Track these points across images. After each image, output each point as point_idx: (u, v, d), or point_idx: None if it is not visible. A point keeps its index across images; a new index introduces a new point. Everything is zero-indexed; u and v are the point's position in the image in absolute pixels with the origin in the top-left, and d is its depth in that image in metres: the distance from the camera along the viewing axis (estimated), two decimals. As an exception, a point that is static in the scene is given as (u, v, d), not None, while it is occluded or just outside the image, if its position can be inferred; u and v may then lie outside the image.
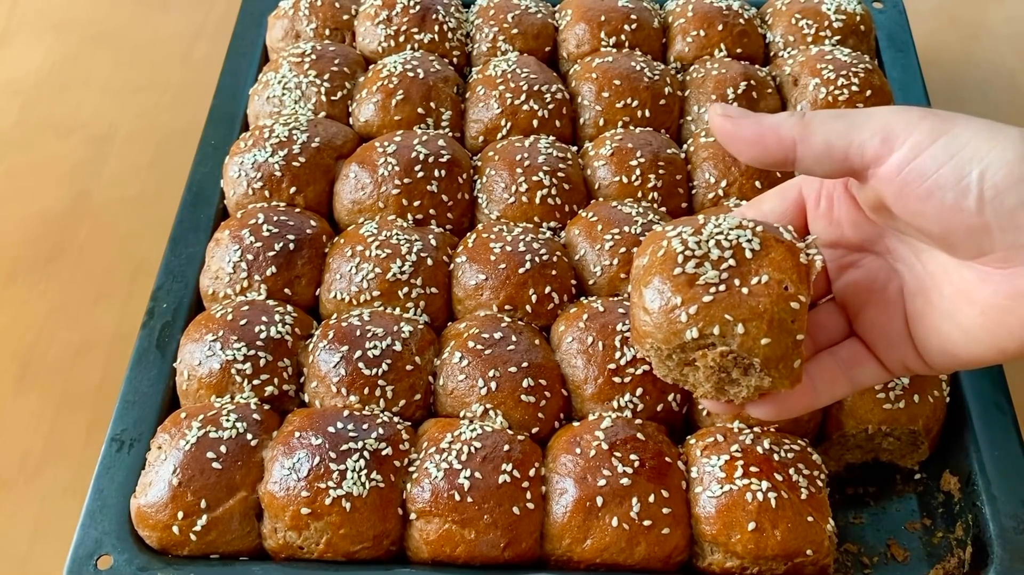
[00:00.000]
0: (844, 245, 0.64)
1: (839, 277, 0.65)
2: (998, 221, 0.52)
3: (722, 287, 0.58)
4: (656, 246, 0.61)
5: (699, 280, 0.59)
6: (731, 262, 0.59)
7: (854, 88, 0.95)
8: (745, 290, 0.58)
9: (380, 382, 0.76)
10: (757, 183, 0.89)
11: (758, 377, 0.59)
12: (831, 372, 0.63)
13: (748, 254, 0.59)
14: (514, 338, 0.78)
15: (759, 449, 0.72)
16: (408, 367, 0.77)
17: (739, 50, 1.03)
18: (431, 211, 0.88)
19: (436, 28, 1.02)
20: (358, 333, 0.78)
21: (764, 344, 0.57)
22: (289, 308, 0.81)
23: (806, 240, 0.61)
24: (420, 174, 0.88)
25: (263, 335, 0.78)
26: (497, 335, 0.78)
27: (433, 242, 0.85)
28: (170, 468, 0.71)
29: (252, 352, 0.77)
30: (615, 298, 0.82)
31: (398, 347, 0.77)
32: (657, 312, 0.58)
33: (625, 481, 0.70)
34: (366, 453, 0.71)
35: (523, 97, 0.95)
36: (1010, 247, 0.53)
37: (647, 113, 0.96)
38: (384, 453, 0.71)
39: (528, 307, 0.81)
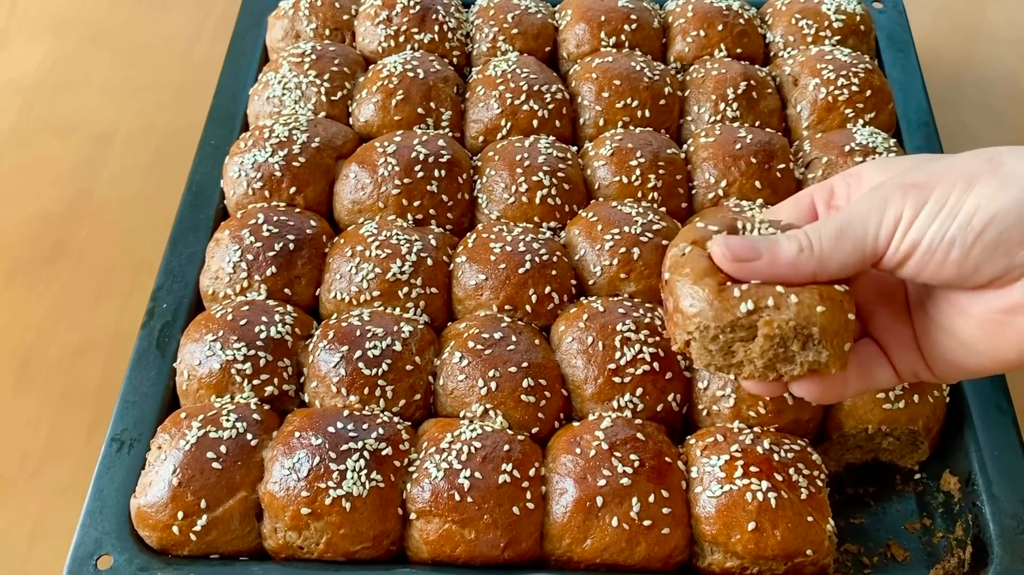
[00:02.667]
0: None
1: (853, 281, 0.65)
2: (984, 256, 0.55)
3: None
4: (694, 235, 0.62)
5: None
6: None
7: (854, 88, 0.95)
8: (793, 298, 0.59)
9: (380, 382, 0.76)
10: (757, 183, 0.89)
11: (815, 351, 0.59)
12: (854, 365, 0.63)
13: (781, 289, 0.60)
14: (514, 338, 0.78)
15: (759, 449, 0.72)
16: (408, 367, 0.77)
17: (739, 50, 1.03)
18: (431, 211, 0.88)
19: (436, 28, 1.02)
20: (358, 333, 0.78)
21: (820, 312, 0.58)
22: (289, 308, 0.81)
23: None
24: (420, 174, 0.88)
25: (263, 335, 0.78)
26: (497, 335, 0.78)
27: (433, 242, 0.85)
28: (170, 468, 0.71)
29: (252, 352, 0.77)
30: (615, 298, 0.82)
31: (398, 347, 0.77)
32: (708, 290, 0.58)
33: (625, 481, 0.70)
34: (366, 453, 0.71)
35: (523, 97, 0.95)
36: (1003, 271, 0.55)
37: (647, 113, 0.96)
38: (384, 453, 0.71)
39: (528, 307, 0.81)
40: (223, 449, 0.71)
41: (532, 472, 0.71)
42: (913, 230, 0.56)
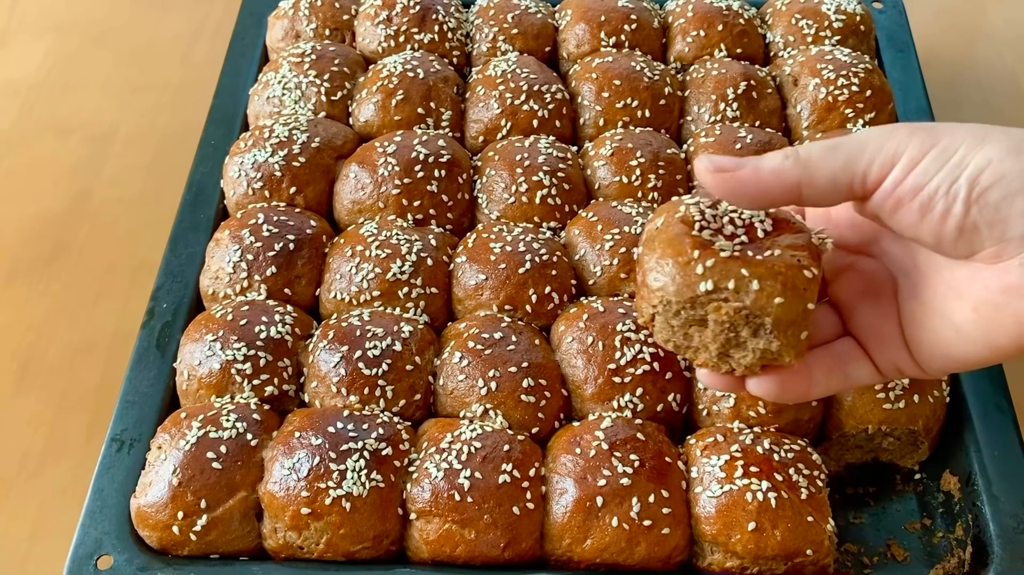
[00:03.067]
0: (841, 246, 0.64)
1: (834, 279, 0.65)
2: (984, 218, 0.53)
3: (736, 251, 0.58)
4: (673, 210, 0.61)
5: (713, 245, 0.59)
6: (744, 238, 0.59)
7: (854, 88, 0.95)
8: (759, 257, 0.58)
9: (380, 382, 0.76)
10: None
11: (767, 339, 0.58)
12: (827, 364, 0.62)
13: (760, 233, 0.60)
14: (514, 338, 0.78)
15: (759, 449, 0.72)
16: (408, 367, 0.77)
17: (739, 50, 1.03)
18: (431, 211, 0.88)
19: (436, 28, 1.02)
20: (358, 333, 0.78)
21: (777, 303, 0.57)
22: (289, 308, 0.81)
23: (815, 230, 0.62)
24: (420, 174, 0.88)
25: (263, 335, 0.78)
26: (497, 335, 0.78)
27: (433, 242, 0.85)
28: (170, 468, 0.71)
29: (252, 352, 0.77)
30: (615, 298, 0.82)
31: (398, 347, 0.77)
32: (671, 265, 0.58)
33: (625, 481, 0.70)
34: (366, 453, 0.71)
35: (523, 97, 0.95)
36: (998, 242, 0.54)
37: (647, 113, 0.96)
38: (384, 453, 0.71)
39: (528, 307, 0.81)
40: (223, 449, 0.71)
41: (532, 472, 0.71)
42: (917, 173, 0.54)
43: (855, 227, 0.63)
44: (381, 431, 0.73)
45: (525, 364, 0.76)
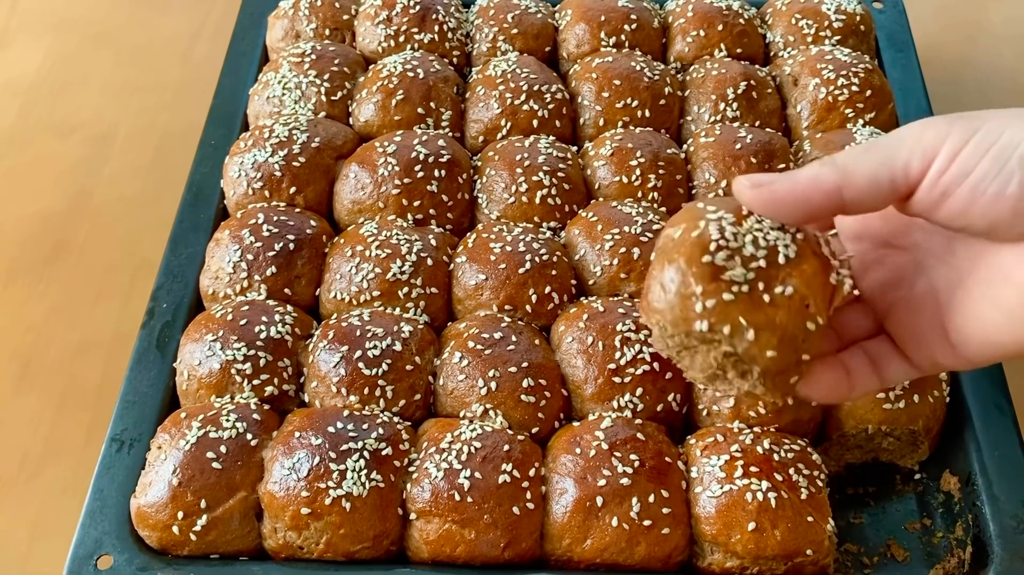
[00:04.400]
0: (870, 237, 0.63)
1: (864, 276, 0.63)
2: None
3: (745, 288, 0.56)
4: (692, 224, 0.58)
5: (724, 274, 0.56)
6: (761, 263, 0.57)
7: (854, 88, 0.95)
8: (767, 297, 0.56)
9: (380, 382, 0.76)
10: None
11: (752, 383, 0.58)
12: (864, 366, 0.62)
13: (781, 259, 0.57)
14: (514, 338, 0.78)
15: (759, 449, 0.72)
16: (408, 367, 0.77)
17: (739, 50, 1.03)
18: (431, 211, 0.88)
19: (436, 28, 1.02)
20: (358, 333, 0.78)
21: (769, 356, 0.56)
22: (289, 308, 0.81)
23: (840, 257, 0.60)
24: (420, 174, 0.88)
25: (263, 335, 0.78)
26: (497, 335, 0.78)
27: (433, 242, 0.85)
28: (170, 468, 0.71)
29: (252, 352, 0.77)
30: (615, 298, 0.82)
31: (398, 347, 0.77)
32: (674, 293, 0.56)
33: (625, 481, 0.70)
34: (366, 453, 0.71)
35: (523, 97, 0.95)
36: None
37: (647, 113, 0.96)
38: (384, 453, 0.71)
39: (528, 307, 0.81)
40: (223, 449, 0.71)
41: (532, 472, 0.71)
42: (962, 159, 0.52)
43: (887, 217, 0.61)
44: (381, 431, 0.73)
45: (525, 364, 0.76)
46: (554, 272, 0.83)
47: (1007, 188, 0.52)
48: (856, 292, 0.59)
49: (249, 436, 0.72)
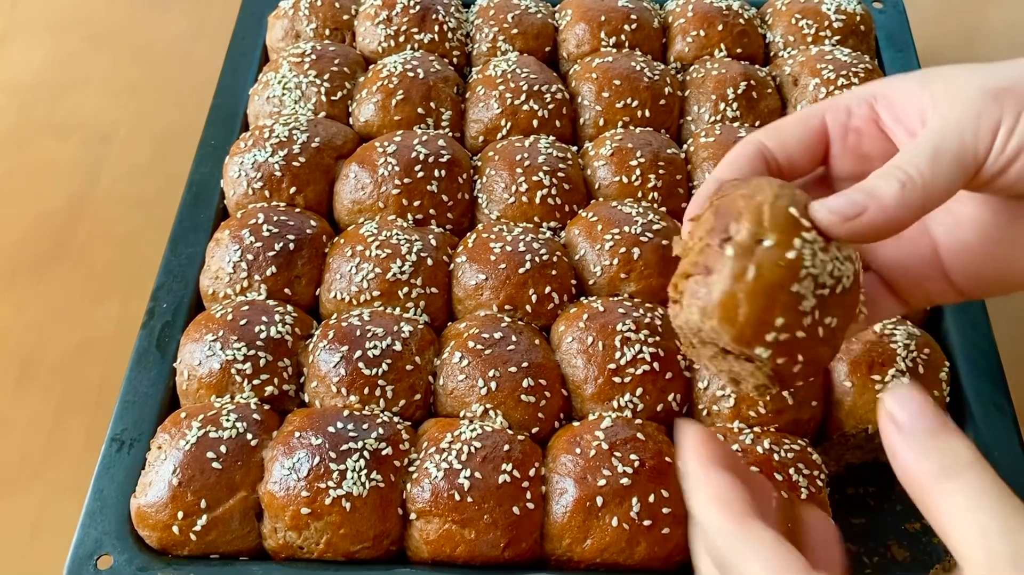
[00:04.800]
0: (859, 177, 0.58)
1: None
2: None
3: (809, 320, 0.52)
4: (785, 238, 0.52)
5: (801, 304, 0.52)
6: (825, 291, 0.52)
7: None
8: (821, 331, 0.53)
9: (380, 382, 0.76)
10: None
11: (761, 391, 0.56)
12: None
13: (839, 290, 0.53)
14: (514, 338, 0.78)
15: (759, 449, 0.72)
16: (408, 367, 0.77)
17: (739, 50, 1.03)
18: (431, 211, 0.88)
19: (436, 28, 1.02)
20: (358, 333, 0.78)
21: (799, 383, 0.55)
22: (289, 308, 0.81)
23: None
24: (420, 174, 0.88)
25: (263, 335, 0.78)
26: (497, 335, 0.78)
27: (433, 242, 0.85)
28: (170, 468, 0.71)
29: (252, 352, 0.77)
30: (615, 298, 0.82)
31: (398, 347, 0.77)
32: (751, 313, 0.51)
33: (625, 481, 0.70)
34: (366, 453, 0.71)
35: (523, 97, 0.95)
36: None
37: (647, 113, 0.96)
38: (384, 453, 0.71)
39: (528, 307, 0.81)
40: (223, 449, 0.71)
41: (532, 472, 0.71)
42: (1018, 135, 0.51)
43: (887, 160, 0.58)
44: (381, 431, 0.73)
45: (525, 364, 0.76)
46: (554, 272, 0.83)
47: None
48: (862, 319, 0.58)
49: (249, 436, 0.72)
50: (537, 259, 0.82)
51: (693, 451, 0.50)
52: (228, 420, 0.73)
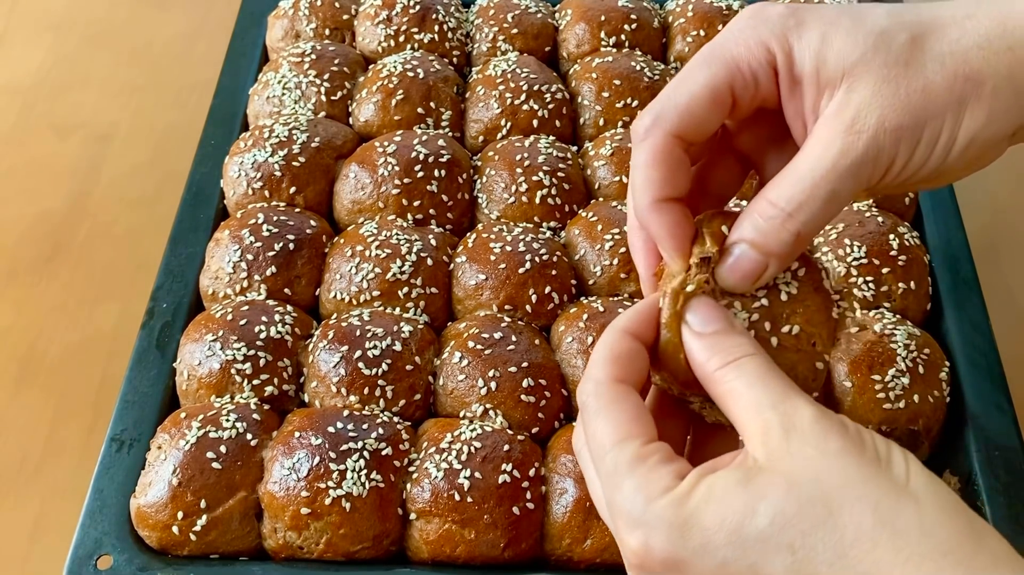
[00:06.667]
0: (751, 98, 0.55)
1: (742, 131, 0.57)
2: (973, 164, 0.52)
3: (751, 332, 0.53)
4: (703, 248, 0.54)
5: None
6: (764, 302, 0.54)
7: (854, 88, 0.95)
8: (775, 341, 0.54)
9: (380, 382, 0.76)
10: (754, 183, 0.89)
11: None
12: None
13: (784, 297, 0.54)
14: (514, 338, 0.78)
15: (759, 449, 0.72)
16: (408, 367, 0.77)
17: (739, 50, 1.02)
18: (431, 211, 0.88)
19: (436, 28, 1.02)
20: (358, 333, 0.78)
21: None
22: (289, 308, 0.81)
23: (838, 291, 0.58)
24: (420, 174, 0.88)
25: (263, 335, 0.78)
26: (497, 335, 0.78)
27: (433, 242, 0.85)
28: (170, 468, 0.71)
29: (252, 352, 0.77)
30: (615, 298, 0.82)
31: (398, 347, 0.77)
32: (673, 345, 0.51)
33: (625, 481, 0.70)
34: (366, 453, 0.71)
35: (523, 97, 0.95)
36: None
37: (647, 113, 0.96)
38: (384, 453, 0.71)
39: (528, 307, 0.81)
40: (223, 449, 0.71)
41: (532, 472, 0.71)
42: (909, 169, 0.50)
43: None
44: (381, 431, 0.73)
45: (525, 364, 0.76)
46: (554, 272, 0.83)
47: (933, 174, 0.51)
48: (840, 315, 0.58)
49: (249, 436, 0.72)
50: (537, 259, 0.82)
51: (618, 321, 0.52)
52: (228, 420, 0.73)
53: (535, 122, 0.95)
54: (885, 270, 0.83)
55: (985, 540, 0.42)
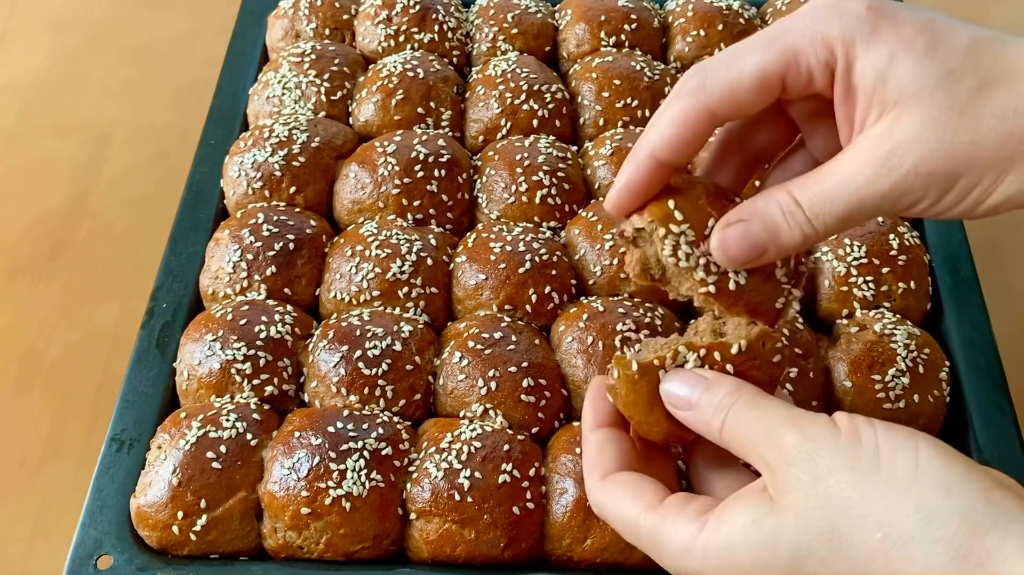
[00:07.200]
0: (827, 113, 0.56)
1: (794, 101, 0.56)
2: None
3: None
4: (660, 219, 0.56)
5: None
6: (711, 288, 0.55)
7: (854, 88, 0.95)
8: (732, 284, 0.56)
9: (380, 382, 0.76)
10: (756, 182, 0.89)
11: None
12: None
13: (732, 285, 0.55)
14: (514, 338, 0.78)
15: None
16: (408, 367, 0.77)
17: (739, 50, 1.02)
18: (431, 211, 0.88)
19: (436, 28, 1.02)
20: (358, 333, 0.78)
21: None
22: (289, 308, 0.81)
23: (798, 272, 0.57)
24: (420, 174, 0.88)
25: (263, 335, 0.78)
26: (497, 335, 0.78)
27: (433, 242, 0.85)
28: (170, 468, 0.71)
29: (252, 352, 0.77)
30: (615, 298, 0.82)
31: (398, 347, 0.77)
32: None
33: (625, 481, 0.70)
34: (366, 453, 0.71)
35: (523, 97, 0.95)
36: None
37: (647, 113, 0.96)
38: (384, 453, 0.71)
39: (528, 307, 0.81)
40: (223, 449, 0.71)
41: (532, 472, 0.71)
42: (933, 211, 0.50)
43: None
44: (381, 431, 0.73)
45: (525, 364, 0.76)
46: (554, 272, 0.83)
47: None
48: (796, 309, 0.58)
49: (249, 436, 0.72)
50: (537, 259, 0.82)
51: (584, 413, 0.58)
52: (228, 420, 0.73)
53: (535, 122, 0.95)
54: (885, 270, 0.83)
55: (995, 508, 0.43)
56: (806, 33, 0.51)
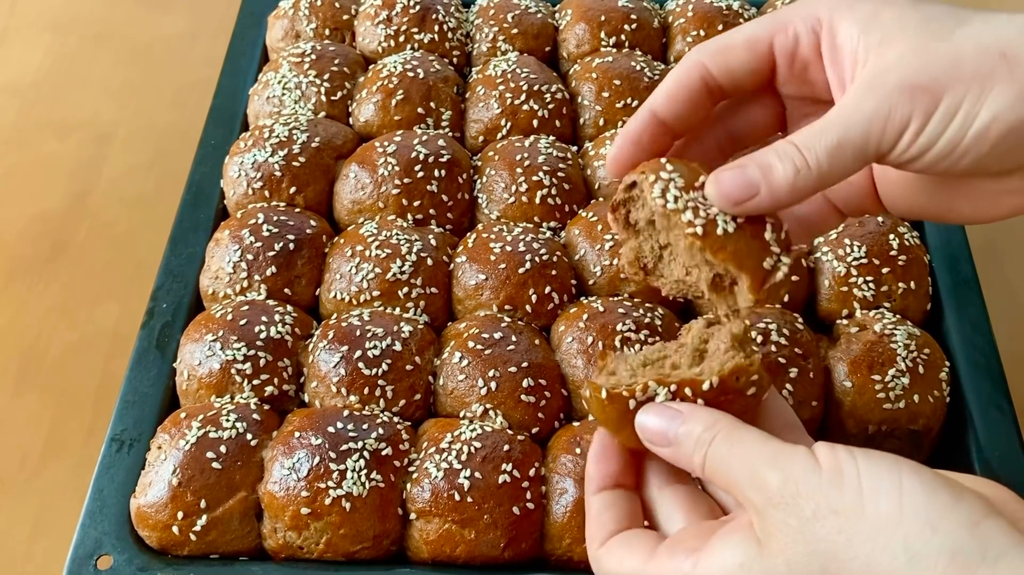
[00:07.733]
0: (813, 100, 0.60)
1: (786, 81, 0.59)
2: (998, 159, 0.52)
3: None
4: (646, 177, 0.57)
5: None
6: (699, 229, 0.54)
7: (854, 88, 0.95)
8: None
9: (380, 382, 0.76)
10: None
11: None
12: (796, 231, 0.60)
13: (719, 231, 0.54)
14: (514, 338, 0.78)
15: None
16: (408, 367, 0.77)
17: (739, 50, 1.02)
18: (431, 211, 0.88)
19: (436, 28, 1.02)
20: (358, 333, 0.78)
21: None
22: (289, 308, 0.81)
23: (788, 247, 0.56)
24: (420, 174, 0.88)
25: (263, 335, 0.78)
26: (497, 335, 0.78)
27: (433, 242, 0.85)
28: (170, 468, 0.71)
29: (252, 352, 0.77)
30: (615, 298, 0.82)
31: (398, 347, 0.77)
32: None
33: (625, 481, 0.70)
34: (366, 453, 0.71)
35: (523, 97, 0.95)
36: (1010, 167, 0.53)
37: (647, 113, 0.96)
38: (384, 453, 0.71)
39: (528, 307, 0.81)
40: (223, 449, 0.71)
41: (532, 472, 0.71)
42: (924, 137, 0.51)
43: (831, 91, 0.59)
44: (381, 431, 0.73)
45: (525, 364, 0.76)
46: (554, 272, 0.83)
47: (962, 160, 0.51)
48: (795, 277, 0.59)
49: (249, 436, 0.72)
50: (537, 259, 0.82)
51: (587, 475, 0.57)
52: (228, 420, 0.73)
53: (535, 122, 0.95)
54: (885, 270, 0.83)
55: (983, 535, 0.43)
56: (796, 8, 0.56)
